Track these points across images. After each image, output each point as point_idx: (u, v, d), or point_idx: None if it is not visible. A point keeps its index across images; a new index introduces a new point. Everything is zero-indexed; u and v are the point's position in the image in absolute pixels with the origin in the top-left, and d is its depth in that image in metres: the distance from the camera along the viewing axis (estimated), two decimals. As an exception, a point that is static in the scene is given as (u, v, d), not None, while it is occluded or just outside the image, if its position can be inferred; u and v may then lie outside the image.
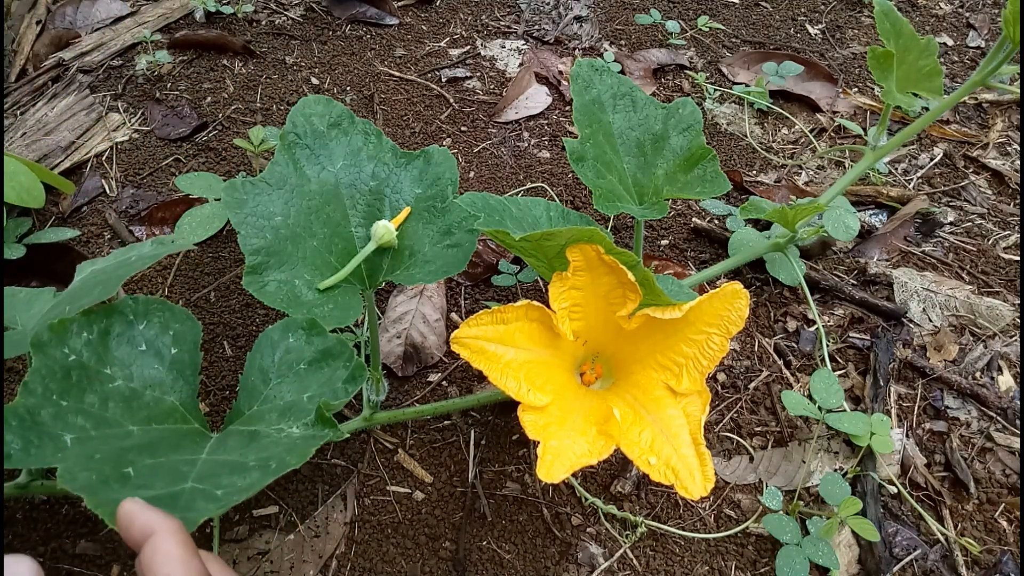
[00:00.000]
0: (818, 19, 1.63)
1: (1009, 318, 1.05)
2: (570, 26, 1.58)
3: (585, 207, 1.21)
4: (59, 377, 0.60)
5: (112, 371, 0.64)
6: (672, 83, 1.45)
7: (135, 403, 0.63)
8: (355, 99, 1.38)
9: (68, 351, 0.61)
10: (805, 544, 0.81)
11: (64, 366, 0.61)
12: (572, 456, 0.62)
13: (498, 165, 1.27)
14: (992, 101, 1.44)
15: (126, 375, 0.64)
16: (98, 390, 0.62)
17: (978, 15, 1.63)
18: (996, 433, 0.94)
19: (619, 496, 0.87)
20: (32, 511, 0.83)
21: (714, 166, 0.90)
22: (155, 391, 0.65)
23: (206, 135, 1.29)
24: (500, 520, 0.85)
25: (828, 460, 0.92)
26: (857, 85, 1.47)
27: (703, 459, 0.63)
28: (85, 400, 0.60)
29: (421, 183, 0.83)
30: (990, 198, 1.25)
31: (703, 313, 0.67)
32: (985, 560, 0.84)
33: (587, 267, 0.66)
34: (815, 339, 1.03)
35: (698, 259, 1.15)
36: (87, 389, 0.61)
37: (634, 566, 0.83)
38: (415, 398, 0.96)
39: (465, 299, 1.07)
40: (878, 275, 1.11)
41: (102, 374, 0.63)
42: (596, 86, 0.93)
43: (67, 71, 1.38)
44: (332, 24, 1.54)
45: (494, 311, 0.65)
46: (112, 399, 0.62)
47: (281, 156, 0.80)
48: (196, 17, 1.52)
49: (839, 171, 1.31)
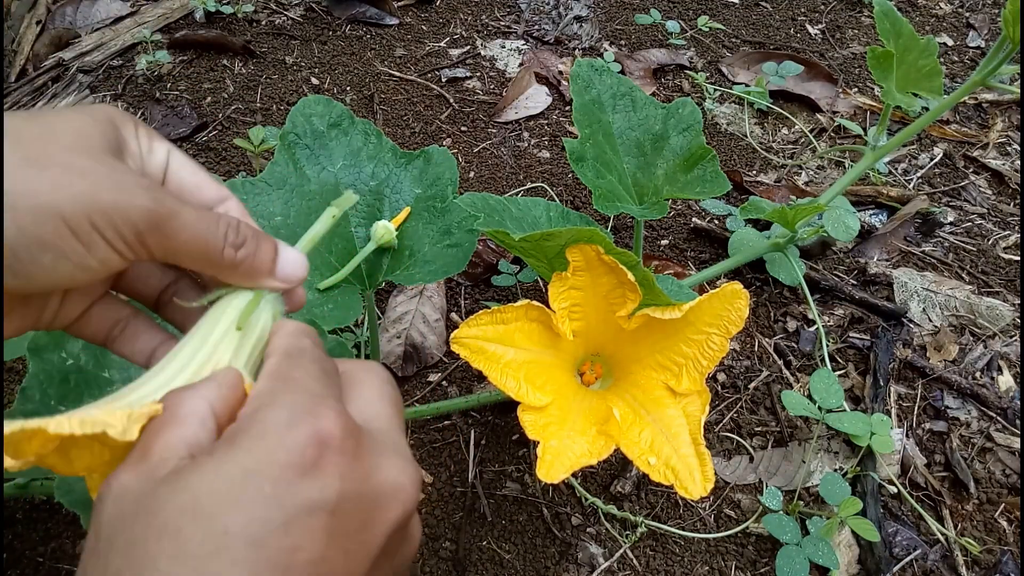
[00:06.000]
0: (818, 19, 1.63)
1: (1009, 318, 1.05)
2: (570, 26, 1.58)
3: (585, 207, 1.21)
4: (57, 382, 0.59)
5: (110, 374, 0.63)
6: (672, 83, 1.45)
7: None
8: (355, 99, 1.38)
9: (66, 355, 0.61)
10: (805, 544, 0.81)
11: (62, 371, 0.60)
12: (572, 456, 0.62)
13: (498, 165, 1.27)
14: (992, 101, 1.44)
15: (124, 378, 0.64)
16: (97, 395, 0.61)
17: (978, 15, 1.63)
18: (996, 433, 0.94)
19: (619, 496, 0.87)
20: (32, 511, 0.83)
21: (714, 166, 0.89)
22: None
23: (206, 135, 1.29)
24: (500, 520, 0.85)
25: (828, 460, 0.92)
26: (857, 85, 1.47)
27: (703, 459, 0.63)
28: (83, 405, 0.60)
29: (421, 183, 0.83)
30: (990, 198, 1.25)
31: (703, 313, 0.67)
32: (985, 560, 0.84)
33: (587, 267, 0.66)
34: (815, 339, 1.03)
35: (698, 259, 1.15)
36: (85, 393, 0.60)
37: (634, 566, 0.83)
38: (415, 398, 0.96)
39: (465, 299, 1.07)
40: (878, 275, 1.11)
41: (100, 378, 0.62)
42: (596, 86, 0.93)
43: (67, 71, 1.38)
44: (332, 24, 1.54)
45: (494, 311, 0.65)
46: None
47: (281, 156, 0.80)
48: (196, 17, 1.52)
49: (839, 171, 1.31)
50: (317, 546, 0.30)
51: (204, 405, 0.34)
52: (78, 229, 0.33)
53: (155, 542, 0.28)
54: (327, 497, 0.30)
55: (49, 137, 0.34)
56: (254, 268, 0.39)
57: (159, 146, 0.40)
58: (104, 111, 0.37)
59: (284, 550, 0.29)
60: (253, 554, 0.28)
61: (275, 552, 0.29)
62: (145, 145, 0.39)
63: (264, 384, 0.35)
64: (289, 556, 0.29)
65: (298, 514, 0.29)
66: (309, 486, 0.30)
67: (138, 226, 0.34)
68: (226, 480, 0.29)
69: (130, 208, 0.34)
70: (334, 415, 0.33)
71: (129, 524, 0.29)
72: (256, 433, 0.31)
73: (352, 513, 0.31)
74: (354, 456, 0.32)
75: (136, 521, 0.29)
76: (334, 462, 0.31)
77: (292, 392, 0.34)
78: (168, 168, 0.40)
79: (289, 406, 0.33)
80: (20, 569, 0.79)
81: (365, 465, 0.33)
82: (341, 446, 0.32)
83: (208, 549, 0.28)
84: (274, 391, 0.34)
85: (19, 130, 0.33)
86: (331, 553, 0.30)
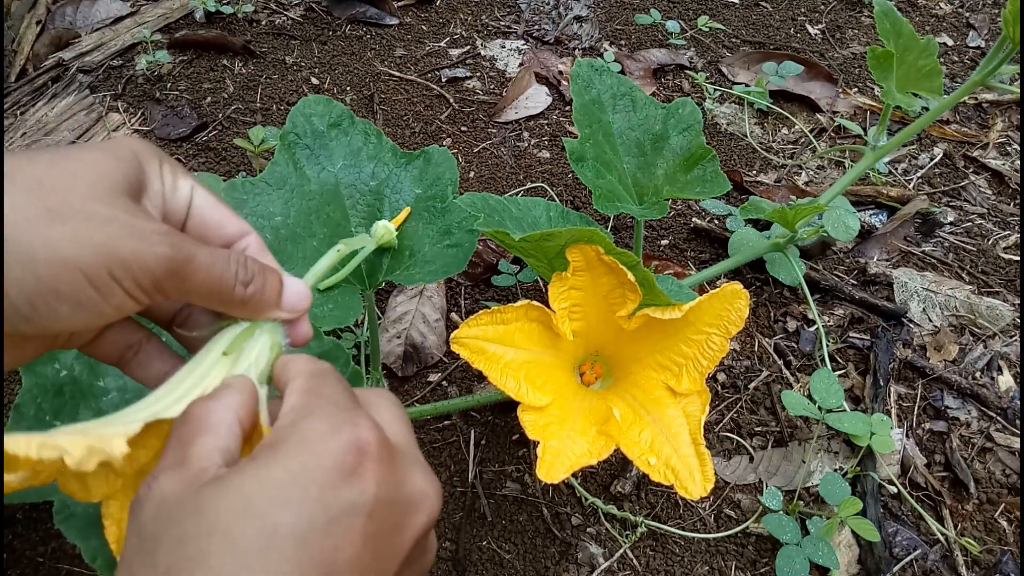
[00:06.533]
0: (818, 19, 1.63)
1: (1009, 318, 1.05)
2: (570, 26, 1.58)
3: (585, 207, 1.21)
4: (51, 395, 0.58)
5: (105, 383, 0.62)
6: (672, 83, 1.45)
7: None
8: (355, 99, 1.38)
9: (59, 366, 0.60)
10: (805, 544, 0.81)
11: (56, 383, 0.59)
12: (572, 456, 0.62)
13: (498, 165, 1.27)
14: (992, 101, 1.44)
15: (120, 386, 0.63)
16: (93, 406, 0.60)
17: (978, 15, 1.63)
18: (996, 433, 0.94)
19: (619, 496, 0.87)
20: (32, 511, 0.83)
21: (714, 166, 0.89)
22: None
23: (206, 135, 1.29)
24: (500, 520, 0.85)
25: (828, 460, 0.92)
26: (857, 85, 1.47)
27: (703, 459, 0.63)
28: (80, 418, 0.58)
29: (421, 183, 0.83)
30: (990, 198, 1.25)
31: (703, 313, 0.67)
32: (985, 560, 0.84)
33: (587, 267, 0.66)
34: (815, 339, 1.03)
35: (698, 259, 1.15)
36: (81, 405, 0.59)
37: (634, 566, 0.83)
38: (415, 398, 0.96)
39: (465, 299, 1.07)
40: (878, 275, 1.11)
41: (95, 387, 0.61)
42: (596, 86, 0.93)
43: (67, 71, 1.38)
44: (332, 24, 1.54)
45: (494, 311, 0.65)
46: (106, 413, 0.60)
47: (281, 156, 0.80)
48: (196, 17, 1.52)
49: (839, 171, 1.31)
50: (355, 547, 0.31)
51: (231, 414, 0.36)
52: (96, 280, 0.33)
53: (206, 540, 0.29)
54: (366, 500, 0.32)
55: (70, 184, 0.34)
56: (261, 302, 0.41)
57: (183, 183, 0.41)
58: (129, 147, 0.38)
59: (327, 549, 0.31)
60: (300, 552, 0.30)
61: (319, 551, 0.30)
62: (169, 182, 0.40)
63: (297, 399, 0.37)
64: (331, 555, 0.31)
65: (340, 515, 0.31)
66: (350, 490, 0.32)
67: (156, 274, 0.35)
68: (274, 483, 0.31)
69: (149, 257, 0.35)
70: (370, 425, 0.35)
71: (177, 523, 0.31)
72: (299, 440, 0.33)
73: (386, 517, 0.33)
74: (389, 464, 0.34)
75: (185, 521, 0.30)
76: (372, 469, 0.33)
77: (327, 405, 0.36)
78: (191, 204, 0.41)
79: (327, 417, 0.35)
80: (20, 569, 0.79)
81: (397, 473, 0.35)
82: (378, 454, 0.34)
83: (259, 546, 0.29)
84: (309, 404, 0.36)
85: (41, 178, 0.34)
86: (365, 554, 0.32)
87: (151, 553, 0.30)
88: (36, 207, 0.33)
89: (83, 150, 0.36)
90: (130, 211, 0.35)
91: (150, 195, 0.39)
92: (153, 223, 0.36)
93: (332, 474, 0.32)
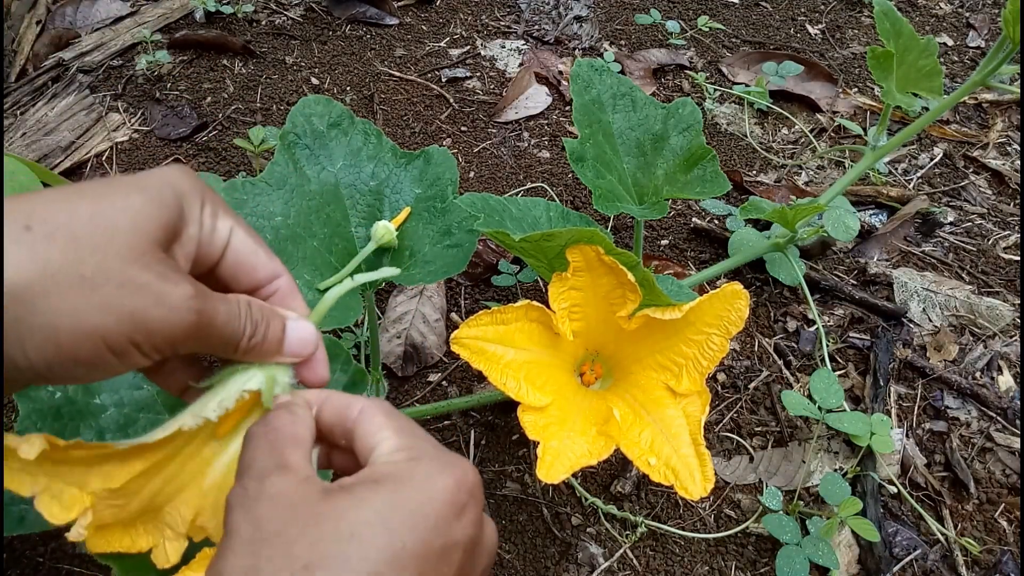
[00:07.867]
0: (818, 19, 1.63)
1: (1009, 318, 1.05)
2: (570, 26, 1.58)
3: (585, 207, 1.21)
4: (50, 419, 0.58)
5: (102, 399, 0.62)
6: (672, 83, 1.45)
7: (130, 430, 0.62)
8: (355, 99, 1.38)
9: (52, 388, 0.60)
10: (805, 544, 0.81)
11: (52, 406, 0.59)
12: (572, 456, 0.62)
13: (498, 165, 1.27)
14: (992, 101, 1.44)
15: (116, 401, 0.63)
16: (92, 425, 0.60)
17: (978, 15, 1.63)
18: (996, 433, 0.94)
19: (619, 496, 0.87)
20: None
21: (714, 166, 0.89)
22: (148, 413, 0.64)
23: (206, 135, 1.29)
24: (500, 520, 0.85)
25: (828, 460, 0.92)
26: (857, 85, 1.47)
27: (703, 459, 0.63)
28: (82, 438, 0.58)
29: (421, 183, 0.83)
30: (990, 198, 1.25)
31: (703, 314, 0.66)
32: (985, 560, 0.84)
33: (587, 267, 0.66)
34: (815, 339, 1.03)
35: (698, 259, 1.15)
36: (81, 424, 0.59)
37: (634, 566, 0.83)
38: (415, 398, 0.96)
39: (465, 299, 1.07)
40: (878, 275, 1.11)
41: (92, 405, 0.61)
42: (596, 86, 0.93)
43: (67, 71, 1.38)
44: (332, 24, 1.54)
45: (494, 311, 0.65)
46: (107, 431, 0.60)
47: (281, 156, 0.80)
48: (196, 17, 1.52)
49: (839, 171, 1.31)
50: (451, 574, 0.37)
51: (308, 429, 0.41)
52: (116, 347, 0.35)
53: (346, 543, 0.34)
54: (467, 536, 0.38)
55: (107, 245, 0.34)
56: (262, 350, 0.43)
57: (223, 225, 0.42)
58: (172, 185, 0.38)
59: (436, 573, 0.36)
60: (418, 568, 0.35)
61: (432, 571, 0.36)
62: (208, 225, 0.41)
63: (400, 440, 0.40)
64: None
65: (449, 545, 0.37)
66: (458, 525, 0.38)
67: (176, 339, 0.37)
68: (404, 508, 0.36)
69: (175, 326, 0.36)
70: (470, 467, 0.40)
71: (313, 524, 0.35)
72: (421, 475, 0.38)
73: (470, 555, 0.39)
74: (479, 506, 0.40)
75: (320, 523, 0.35)
76: (474, 510, 0.39)
77: (429, 445, 0.41)
78: (228, 246, 0.42)
79: (436, 459, 0.40)
80: (20, 569, 0.79)
81: (483, 517, 0.41)
82: (478, 496, 0.40)
83: (387, 556, 0.34)
84: (416, 445, 0.40)
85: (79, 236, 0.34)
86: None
87: (283, 547, 0.34)
88: (70, 273, 0.33)
89: (127, 193, 0.36)
90: (162, 276, 0.36)
91: (185, 240, 0.39)
92: (183, 286, 0.37)
93: (448, 508, 0.37)
